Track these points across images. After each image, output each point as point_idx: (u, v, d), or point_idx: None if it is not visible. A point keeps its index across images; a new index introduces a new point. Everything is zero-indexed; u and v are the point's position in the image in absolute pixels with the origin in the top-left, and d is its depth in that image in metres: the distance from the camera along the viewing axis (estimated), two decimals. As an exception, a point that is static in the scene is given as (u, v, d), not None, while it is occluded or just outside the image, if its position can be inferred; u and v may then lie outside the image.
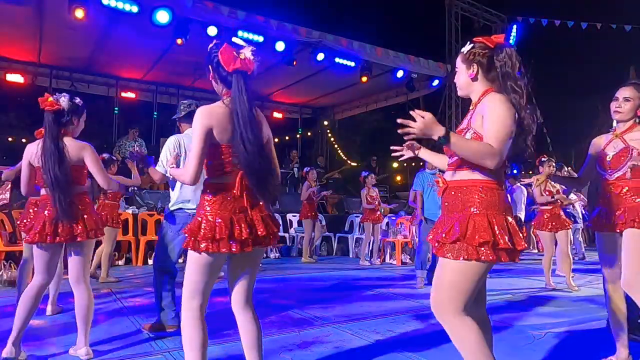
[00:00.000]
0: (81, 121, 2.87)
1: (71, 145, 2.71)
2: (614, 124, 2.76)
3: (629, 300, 3.29)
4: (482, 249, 1.71)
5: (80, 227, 2.69)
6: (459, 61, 1.94)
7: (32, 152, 2.74)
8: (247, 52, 1.97)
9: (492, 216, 1.74)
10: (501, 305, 4.47)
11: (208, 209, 1.93)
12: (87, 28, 7.36)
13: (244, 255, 2.01)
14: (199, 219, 1.92)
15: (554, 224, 5.34)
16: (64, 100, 2.72)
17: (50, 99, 2.68)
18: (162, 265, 3.34)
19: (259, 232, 1.94)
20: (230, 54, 1.93)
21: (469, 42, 1.92)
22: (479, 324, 1.85)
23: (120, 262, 6.98)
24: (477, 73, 1.87)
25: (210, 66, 2.02)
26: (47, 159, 2.60)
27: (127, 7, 6.78)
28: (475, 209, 1.77)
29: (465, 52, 1.91)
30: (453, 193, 1.85)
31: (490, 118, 1.74)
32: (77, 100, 2.82)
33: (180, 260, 3.75)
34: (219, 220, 1.90)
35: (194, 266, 1.94)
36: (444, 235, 1.81)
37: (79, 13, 6.52)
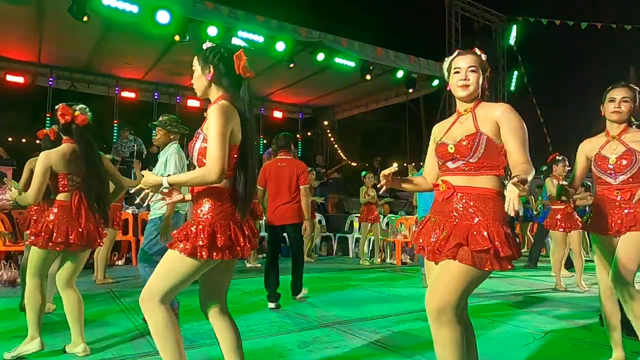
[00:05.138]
0: None
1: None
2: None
3: None
4: (484, 256, 1.71)
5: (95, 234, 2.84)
6: (477, 63, 1.91)
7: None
8: (244, 59, 1.91)
9: (498, 225, 1.74)
10: (501, 305, 4.47)
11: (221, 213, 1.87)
12: (87, 28, 7.35)
13: (226, 263, 1.94)
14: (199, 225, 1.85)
15: (566, 224, 5.22)
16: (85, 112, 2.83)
17: (77, 112, 2.76)
18: None
19: (249, 242, 1.89)
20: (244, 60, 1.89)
21: (478, 49, 1.94)
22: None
23: (120, 262, 6.98)
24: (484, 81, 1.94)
25: (212, 65, 1.88)
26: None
27: (127, 7, 6.79)
28: (488, 218, 1.75)
29: (484, 59, 1.93)
30: (465, 200, 1.81)
31: (515, 130, 1.79)
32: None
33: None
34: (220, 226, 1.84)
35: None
36: (446, 240, 1.78)
37: (84, 19, 6.63)
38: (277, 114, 13.34)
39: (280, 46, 8.16)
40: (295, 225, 4.42)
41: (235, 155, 1.86)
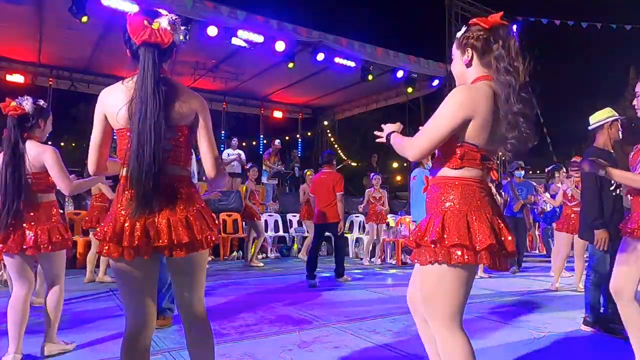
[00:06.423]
0: (48, 123, 2.79)
1: (32, 150, 2.61)
2: None
3: (604, 298, 3.27)
4: (457, 251, 1.54)
5: (32, 238, 2.59)
6: (454, 48, 1.76)
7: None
8: (163, 22, 1.65)
9: (470, 213, 1.58)
10: (501, 305, 4.46)
11: (119, 205, 1.66)
12: (87, 28, 7.36)
13: (176, 262, 1.68)
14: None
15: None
16: (27, 104, 2.64)
17: (13, 103, 2.62)
18: None
19: (160, 240, 1.58)
20: (140, 22, 1.61)
21: (464, 26, 1.73)
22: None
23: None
24: (471, 58, 1.68)
25: (124, 42, 1.70)
26: (4, 165, 2.54)
27: (127, 7, 6.79)
28: (448, 206, 1.61)
29: (459, 37, 1.71)
30: (431, 190, 1.72)
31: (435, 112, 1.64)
32: (42, 102, 2.76)
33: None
34: (111, 218, 1.64)
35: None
36: (412, 237, 1.69)
37: (84, 19, 6.68)
38: (277, 114, 13.35)
39: (280, 46, 8.17)
40: (335, 224, 5.68)
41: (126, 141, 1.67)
